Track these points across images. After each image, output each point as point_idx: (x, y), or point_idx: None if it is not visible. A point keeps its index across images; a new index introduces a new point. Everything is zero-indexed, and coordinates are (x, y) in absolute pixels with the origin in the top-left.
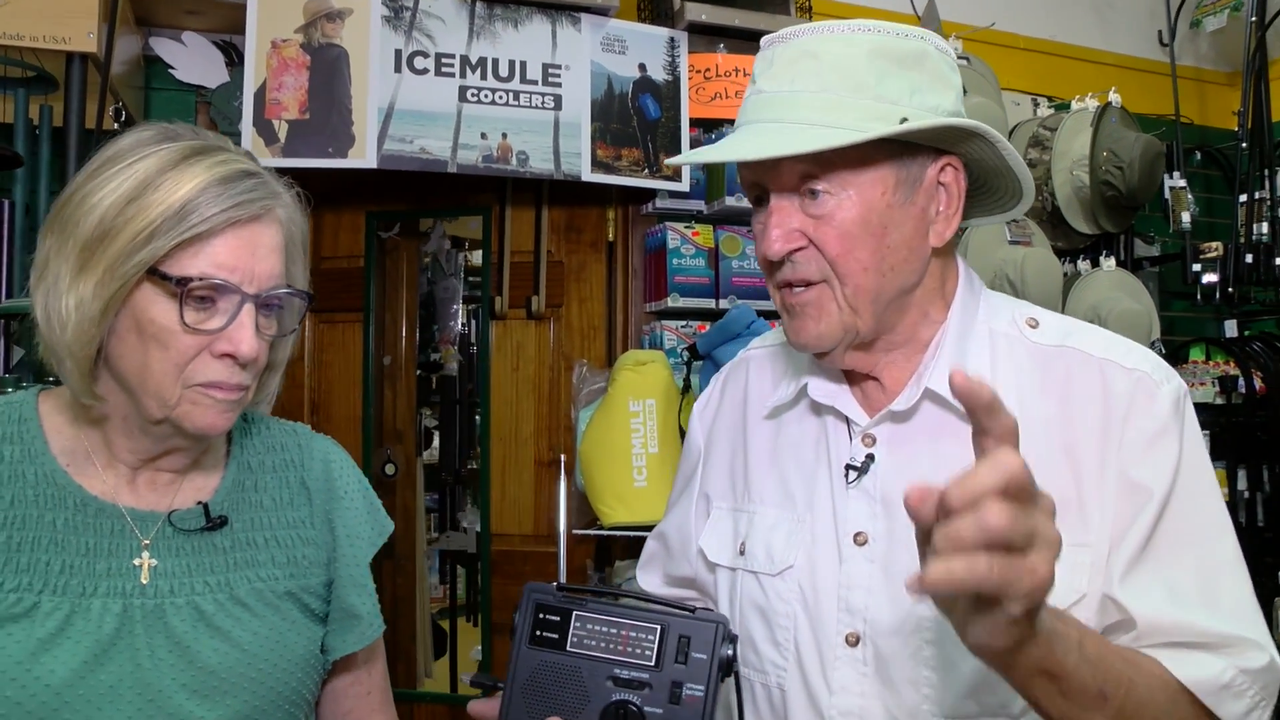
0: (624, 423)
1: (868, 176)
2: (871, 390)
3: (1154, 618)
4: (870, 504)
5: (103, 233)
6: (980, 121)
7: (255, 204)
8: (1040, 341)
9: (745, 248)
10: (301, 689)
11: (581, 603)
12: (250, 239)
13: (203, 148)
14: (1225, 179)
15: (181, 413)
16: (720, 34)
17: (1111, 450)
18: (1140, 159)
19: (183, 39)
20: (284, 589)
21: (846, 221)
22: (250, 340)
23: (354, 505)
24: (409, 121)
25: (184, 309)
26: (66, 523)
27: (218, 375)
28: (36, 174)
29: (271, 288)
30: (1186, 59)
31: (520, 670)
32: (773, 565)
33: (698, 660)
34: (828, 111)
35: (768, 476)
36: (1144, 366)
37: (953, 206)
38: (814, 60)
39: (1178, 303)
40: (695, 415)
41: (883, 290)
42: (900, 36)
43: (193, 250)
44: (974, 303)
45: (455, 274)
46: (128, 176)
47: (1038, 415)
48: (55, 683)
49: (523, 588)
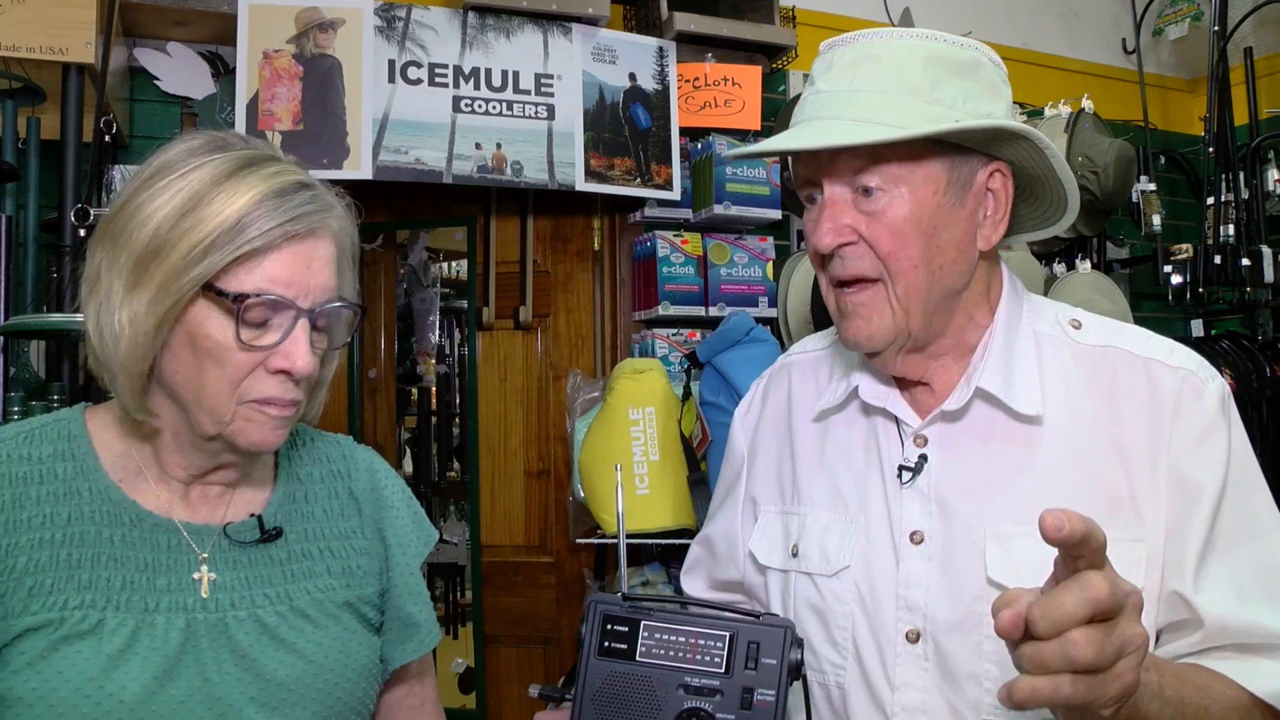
0: (624, 431)
1: (920, 175)
2: (920, 394)
3: (1222, 618)
4: (925, 503)
5: (157, 247)
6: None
7: (310, 217)
8: (1084, 342)
9: (733, 255)
10: (366, 699)
11: (649, 612)
12: (305, 253)
13: (255, 158)
14: (1189, 183)
15: (235, 429)
16: (708, 43)
17: (1162, 447)
18: (1115, 163)
19: (168, 49)
20: (341, 599)
21: (898, 219)
22: (306, 355)
23: (401, 514)
24: (403, 132)
25: (240, 326)
26: (124, 539)
27: (272, 391)
28: (26, 188)
29: (325, 301)
30: (1149, 66)
31: (590, 681)
32: (828, 566)
33: (768, 665)
34: (884, 110)
35: (817, 479)
36: (1189, 365)
37: (1000, 212)
38: (874, 63)
39: (1147, 303)
40: (736, 421)
41: (932, 290)
42: (957, 46)
43: (249, 265)
44: (1018, 306)
45: (432, 285)
46: (180, 189)
47: (1087, 415)
48: (129, 699)
49: (588, 600)
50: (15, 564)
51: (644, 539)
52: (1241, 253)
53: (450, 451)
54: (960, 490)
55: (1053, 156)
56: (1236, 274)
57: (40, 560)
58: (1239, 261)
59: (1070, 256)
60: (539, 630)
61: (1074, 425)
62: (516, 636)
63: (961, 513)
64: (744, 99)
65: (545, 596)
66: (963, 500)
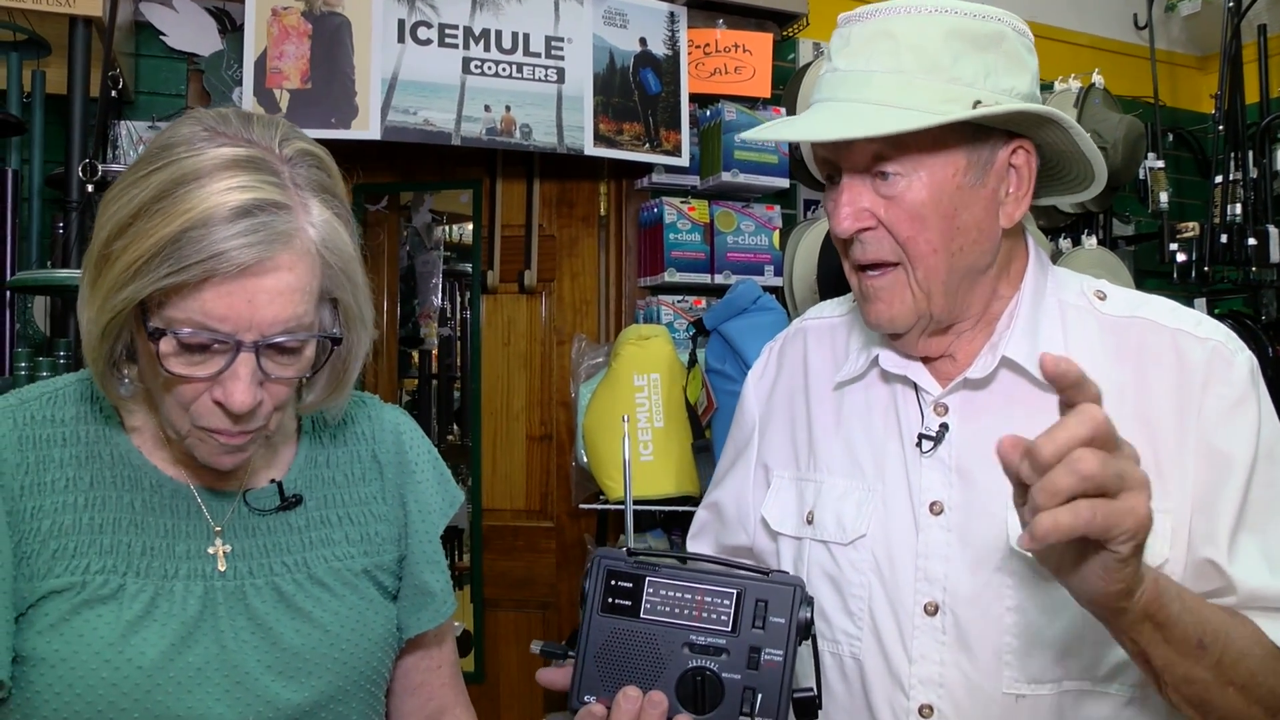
0: (628, 397)
1: (939, 159)
2: (942, 363)
3: (1255, 586)
4: (945, 473)
5: (106, 253)
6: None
7: (263, 246)
8: (1110, 312)
9: (740, 223)
10: (381, 668)
11: (654, 568)
12: (250, 287)
13: (225, 163)
14: (1196, 161)
15: (191, 444)
16: (720, 9)
17: (1190, 418)
18: (1124, 140)
19: (174, 5)
20: (360, 567)
21: (917, 203)
22: (243, 392)
23: (425, 477)
24: (412, 93)
25: (164, 360)
26: (145, 504)
27: (217, 423)
28: (31, 142)
29: (281, 332)
30: (1159, 42)
31: (593, 638)
32: (844, 534)
33: (776, 624)
34: (901, 93)
35: (834, 445)
36: (1218, 336)
37: (1023, 188)
38: (890, 40)
39: (1150, 280)
40: (749, 385)
41: (953, 271)
42: (978, 18)
43: (183, 293)
44: (1043, 277)
45: (435, 248)
46: (145, 187)
47: (1112, 384)
48: (146, 664)
49: (592, 555)
50: (40, 526)
51: (647, 505)
52: (1248, 232)
53: (451, 415)
54: (982, 460)
55: (1078, 135)
56: (1242, 253)
57: (64, 523)
58: (1245, 241)
59: (1076, 232)
60: (538, 594)
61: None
62: (515, 600)
63: (983, 483)
64: (754, 66)
65: (545, 561)
66: (984, 470)
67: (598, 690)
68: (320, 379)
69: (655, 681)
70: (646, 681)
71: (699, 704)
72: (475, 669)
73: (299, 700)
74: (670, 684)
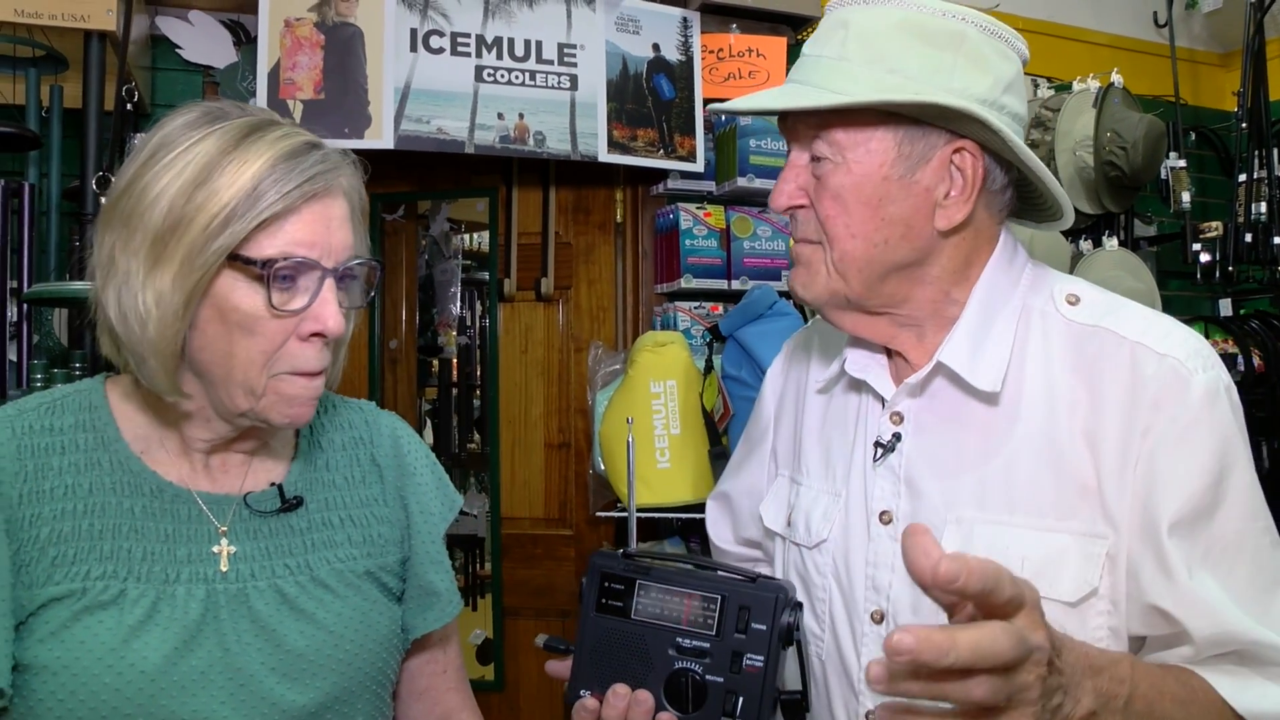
0: (645, 404)
1: (866, 147)
2: (902, 367)
3: (1213, 632)
4: (895, 483)
5: (174, 223)
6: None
7: (324, 177)
8: (1076, 320)
9: (756, 229)
10: (386, 669)
11: (645, 571)
12: (323, 213)
13: (258, 124)
14: (1219, 160)
15: (267, 404)
16: (733, 14)
17: (1135, 438)
18: (1144, 139)
19: (189, 18)
20: (362, 569)
21: (839, 186)
22: (337, 315)
23: (424, 481)
24: (425, 101)
25: (271, 291)
26: (144, 510)
27: (306, 362)
28: (48, 156)
29: (347, 260)
30: (1180, 40)
31: (588, 636)
32: (809, 538)
33: (757, 631)
34: (836, 78)
35: (815, 449)
36: (1178, 353)
37: (965, 192)
38: (843, 29)
39: (1174, 282)
40: (768, 380)
41: (873, 261)
42: (936, 15)
43: (270, 231)
44: (1009, 280)
45: (453, 257)
46: (188, 161)
47: (1064, 396)
48: (149, 669)
49: (590, 556)
50: (39, 534)
51: (664, 513)
52: (1273, 230)
53: (470, 423)
54: (928, 471)
55: (1009, 140)
56: (1268, 252)
57: (63, 530)
58: (1270, 239)
59: (1097, 233)
60: (557, 603)
61: (1049, 408)
62: (535, 609)
63: (928, 494)
64: (768, 70)
65: (564, 569)
66: (931, 481)
67: (592, 685)
68: (342, 348)
69: (645, 680)
70: (637, 680)
71: (684, 704)
72: (495, 677)
73: (304, 702)
74: (659, 683)
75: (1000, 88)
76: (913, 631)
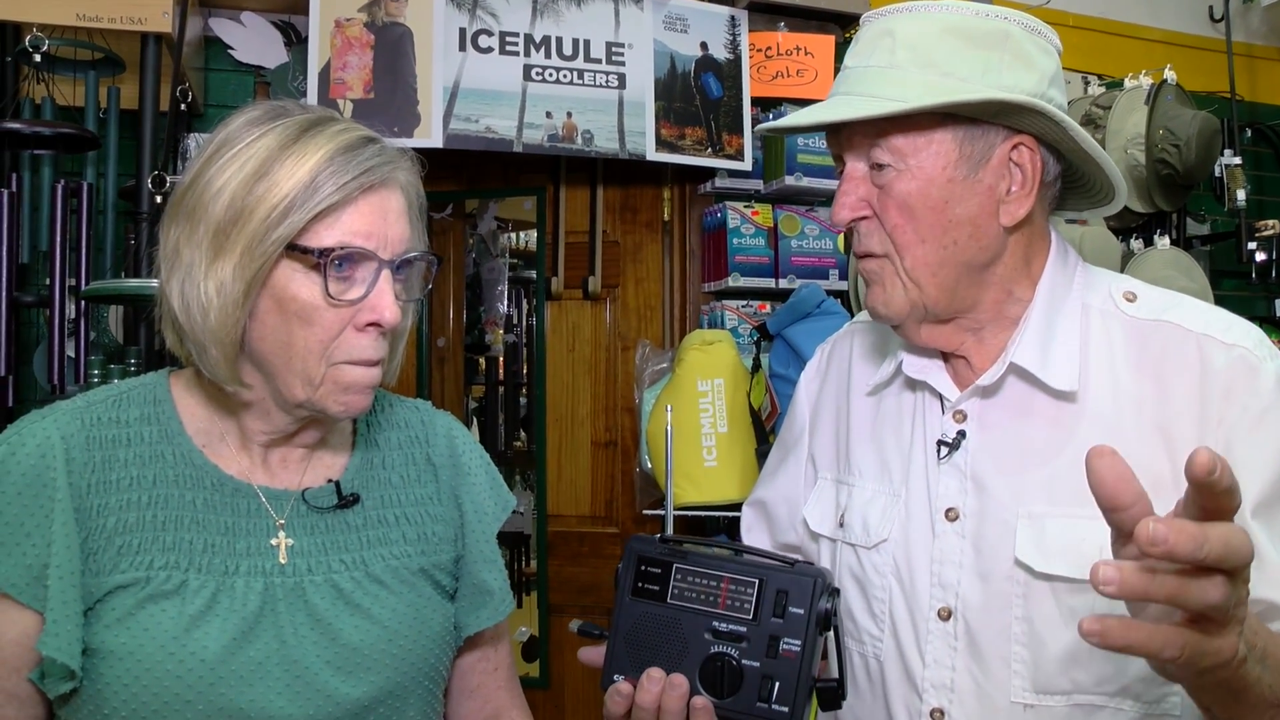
0: (692, 403)
1: (928, 150)
2: (962, 368)
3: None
4: (961, 480)
5: (235, 214)
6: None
7: (381, 169)
8: (1136, 315)
9: (804, 227)
10: (439, 665)
11: (682, 555)
12: (380, 205)
13: (317, 120)
14: (1276, 157)
15: (324, 393)
16: (781, 12)
17: (1211, 429)
18: (1197, 137)
19: (241, 19)
20: (417, 566)
21: (904, 193)
22: (393, 306)
23: (478, 481)
24: (474, 100)
25: (328, 281)
26: (205, 502)
27: (362, 351)
28: (106, 156)
29: (404, 252)
30: (1237, 34)
31: (623, 621)
32: (868, 538)
33: (795, 615)
34: (890, 85)
35: (867, 450)
36: (1245, 343)
37: (1027, 187)
38: (889, 38)
39: (1227, 281)
40: (801, 384)
41: (945, 264)
42: (980, 16)
43: (328, 221)
44: (1066, 278)
45: (500, 255)
46: (250, 156)
47: (1131, 392)
48: (209, 658)
49: (627, 541)
50: (106, 523)
51: (711, 511)
52: None
53: (517, 421)
54: (996, 468)
55: (1070, 128)
56: None
57: (128, 521)
58: None
59: (1149, 232)
60: (603, 601)
61: (1116, 403)
62: (581, 606)
63: (996, 491)
64: (816, 69)
65: (610, 567)
66: (998, 478)
67: (626, 670)
68: (400, 341)
69: (680, 664)
70: (672, 664)
71: (719, 689)
72: (540, 674)
73: (358, 695)
74: (694, 667)
75: (1046, 81)
76: (1165, 522)
